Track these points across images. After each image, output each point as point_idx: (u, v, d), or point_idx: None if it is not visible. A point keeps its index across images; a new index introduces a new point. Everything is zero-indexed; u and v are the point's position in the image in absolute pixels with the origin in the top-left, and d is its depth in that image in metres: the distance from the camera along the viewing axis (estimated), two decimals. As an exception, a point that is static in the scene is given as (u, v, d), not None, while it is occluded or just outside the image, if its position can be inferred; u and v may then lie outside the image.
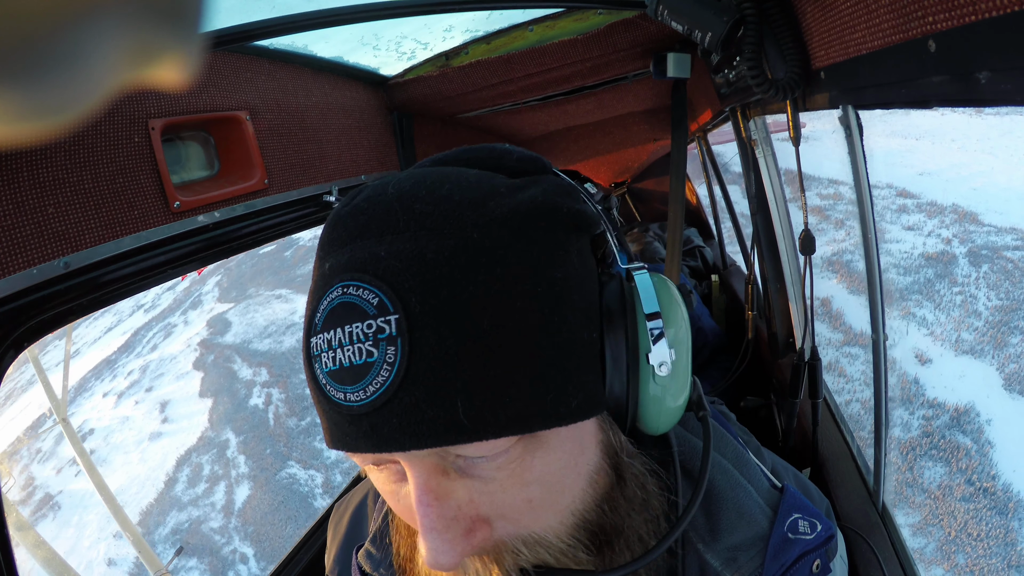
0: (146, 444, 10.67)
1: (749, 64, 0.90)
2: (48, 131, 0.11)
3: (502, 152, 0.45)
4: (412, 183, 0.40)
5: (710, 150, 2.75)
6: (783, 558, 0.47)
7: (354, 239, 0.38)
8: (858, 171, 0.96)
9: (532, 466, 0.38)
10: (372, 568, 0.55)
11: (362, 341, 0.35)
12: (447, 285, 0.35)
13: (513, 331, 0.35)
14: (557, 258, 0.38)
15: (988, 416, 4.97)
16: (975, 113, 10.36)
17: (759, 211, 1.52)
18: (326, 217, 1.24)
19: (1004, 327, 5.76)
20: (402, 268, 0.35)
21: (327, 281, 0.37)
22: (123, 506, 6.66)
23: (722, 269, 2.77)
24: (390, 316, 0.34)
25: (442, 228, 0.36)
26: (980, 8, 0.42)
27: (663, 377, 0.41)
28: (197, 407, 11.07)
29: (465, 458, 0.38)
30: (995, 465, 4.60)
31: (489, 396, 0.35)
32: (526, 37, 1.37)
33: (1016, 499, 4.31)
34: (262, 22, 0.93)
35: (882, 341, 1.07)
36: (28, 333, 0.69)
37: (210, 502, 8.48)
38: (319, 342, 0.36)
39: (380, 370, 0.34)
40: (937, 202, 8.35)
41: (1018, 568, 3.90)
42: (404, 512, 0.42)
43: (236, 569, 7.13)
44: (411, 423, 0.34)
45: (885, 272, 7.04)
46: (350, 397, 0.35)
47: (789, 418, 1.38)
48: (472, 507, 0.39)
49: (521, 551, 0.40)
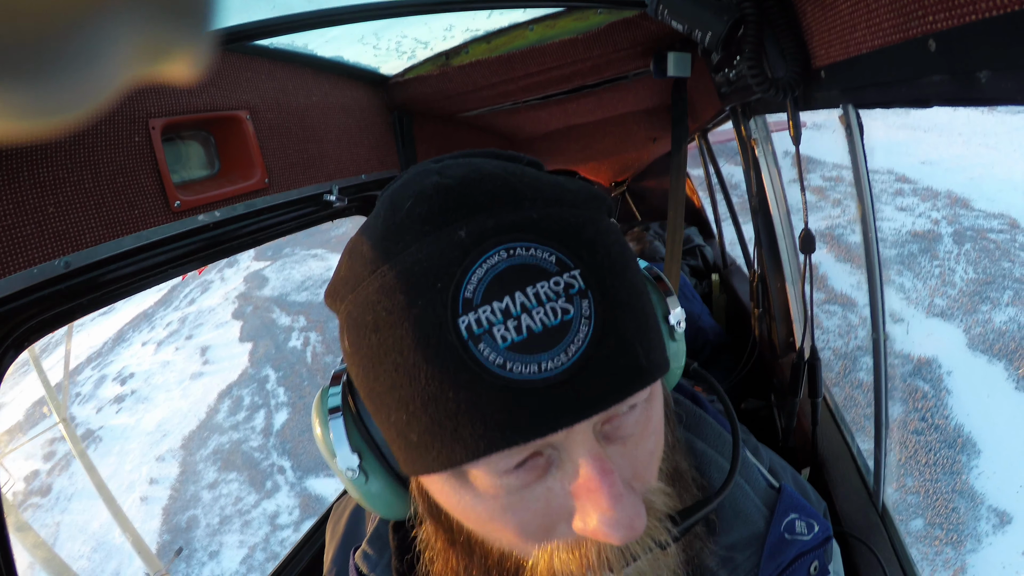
0: (187, 383, 11.40)
1: (749, 63, 0.90)
2: (51, 130, 0.11)
3: (512, 156, 0.46)
4: (490, 165, 0.39)
5: (710, 149, 2.75)
6: (779, 558, 0.47)
7: (485, 207, 0.35)
8: (858, 170, 0.96)
9: (652, 416, 0.40)
10: (369, 569, 0.55)
11: (554, 300, 0.32)
12: (600, 244, 0.36)
13: (640, 287, 0.38)
14: None
15: (949, 368, 5.57)
16: (986, 110, 10.70)
17: (759, 210, 1.52)
18: (327, 216, 1.25)
19: (976, 296, 6.40)
20: (560, 229, 0.35)
21: (471, 248, 0.33)
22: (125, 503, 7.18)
23: (722, 268, 2.77)
24: (574, 271, 0.33)
25: (563, 200, 0.37)
26: (980, 8, 0.42)
27: (679, 334, 0.48)
28: (237, 350, 11.79)
29: (611, 422, 0.37)
30: (949, 408, 5.18)
31: (650, 341, 0.37)
32: (526, 36, 1.37)
33: (965, 437, 4.88)
34: (262, 22, 0.93)
35: (882, 341, 1.07)
36: (28, 333, 0.70)
37: (250, 426, 9.34)
38: (484, 316, 0.32)
39: (579, 326, 0.32)
40: (933, 188, 8.93)
41: (961, 493, 4.45)
42: (532, 521, 0.37)
43: (274, 479, 8.14)
44: (613, 375, 0.34)
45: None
46: (547, 365, 0.32)
47: (789, 417, 1.38)
48: (623, 471, 0.38)
49: (655, 502, 0.41)
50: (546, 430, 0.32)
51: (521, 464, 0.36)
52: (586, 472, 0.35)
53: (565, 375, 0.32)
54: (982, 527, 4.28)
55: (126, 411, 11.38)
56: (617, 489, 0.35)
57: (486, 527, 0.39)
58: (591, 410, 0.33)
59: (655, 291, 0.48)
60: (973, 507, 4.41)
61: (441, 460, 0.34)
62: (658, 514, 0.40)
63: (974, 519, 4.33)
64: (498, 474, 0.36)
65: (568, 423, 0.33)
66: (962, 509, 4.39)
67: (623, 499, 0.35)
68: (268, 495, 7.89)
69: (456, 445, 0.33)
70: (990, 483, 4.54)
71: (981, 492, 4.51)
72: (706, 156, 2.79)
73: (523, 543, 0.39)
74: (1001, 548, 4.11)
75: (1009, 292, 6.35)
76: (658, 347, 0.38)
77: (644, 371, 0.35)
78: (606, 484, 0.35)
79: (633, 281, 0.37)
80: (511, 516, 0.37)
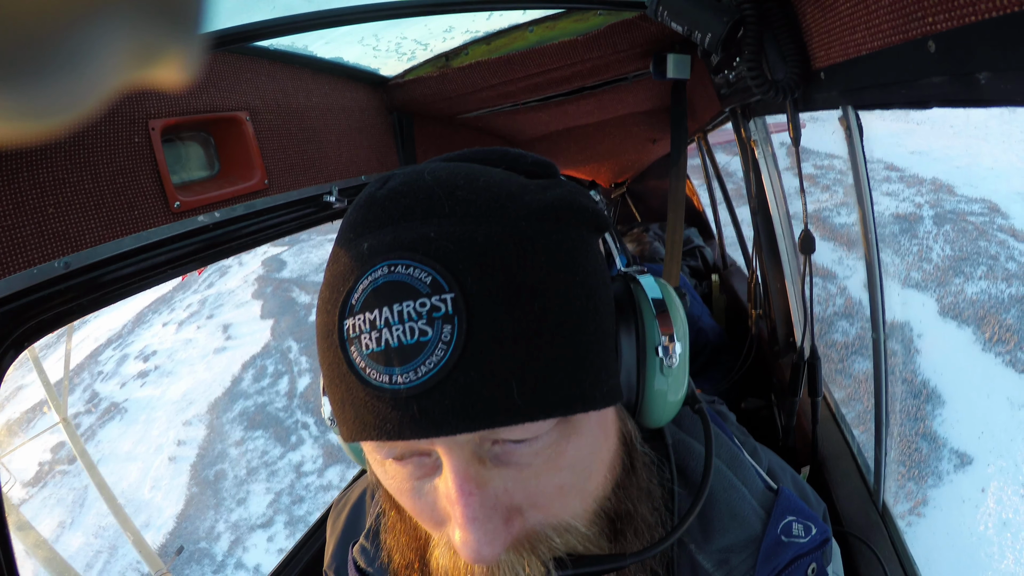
0: (211, 357, 11.84)
1: (749, 65, 0.90)
2: (48, 131, 0.11)
3: (517, 155, 0.45)
4: (447, 172, 0.40)
5: (710, 150, 2.75)
6: (775, 561, 0.47)
7: (396, 220, 0.37)
8: (858, 171, 0.96)
9: (565, 451, 0.39)
10: (367, 564, 0.55)
11: (414, 320, 0.34)
12: (501, 268, 0.35)
13: (559, 316, 0.36)
14: (586, 252, 0.40)
15: (920, 332, 6.11)
16: (980, 104, 11.26)
17: (759, 211, 1.52)
18: (326, 217, 1.25)
19: (950, 271, 6.93)
20: (455, 249, 0.35)
21: (366, 261, 0.36)
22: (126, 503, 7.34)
23: (722, 269, 2.77)
24: (445, 295, 0.34)
25: (487, 215, 0.37)
26: (980, 8, 0.42)
27: (670, 369, 0.44)
28: (259, 326, 12.28)
29: (504, 445, 0.38)
30: (917, 365, 5.69)
31: (540, 377, 0.35)
32: (526, 38, 1.37)
33: (931, 390, 5.39)
34: (262, 22, 0.93)
35: (882, 341, 1.07)
36: (28, 333, 0.69)
37: (275, 390, 9.98)
38: (357, 323, 0.35)
39: (434, 349, 0.33)
40: (919, 175, 9.40)
41: (924, 437, 4.94)
42: (425, 510, 0.40)
43: (298, 433, 8.78)
44: (465, 405, 0.34)
45: (853, 227, 8.51)
46: (397, 379, 0.34)
47: (789, 416, 1.38)
48: (507, 496, 0.38)
49: (553, 539, 0.40)
50: (394, 435, 0.35)
51: (403, 459, 0.39)
52: (448, 485, 0.37)
53: (414, 391, 0.34)
54: (944, 466, 4.69)
55: (151, 384, 11.80)
56: (472, 511, 0.36)
57: (398, 499, 0.43)
58: (438, 430, 0.34)
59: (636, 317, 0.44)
60: (935, 449, 4.83)
61: (343, 432, 0.39)
62: (545, 551, 0.40)
63: (936, 459, 4.75)
64: (390, 464, 0.40)
65: (413, 436, 0.34)
66: (925, 450, 4.80)
67: (476, 522, 0.36)
68: (293, 447, 8.51)
69: (343, 424, 0.38)
70: (953, 430, 4.95)
71: (944, 437, 4.92)
72: (706, 157, 2.79)
73: (425, 526, 0.43)
74: (961, 485, 4.50)
75: (983, 267, 6.83)
76: (568, 383, 0.36)
77: (515, 407, 0.34)
78: (462, 502, 0.36)
79: (545, 312, 0.35)
80: (408, 500, 0.41)
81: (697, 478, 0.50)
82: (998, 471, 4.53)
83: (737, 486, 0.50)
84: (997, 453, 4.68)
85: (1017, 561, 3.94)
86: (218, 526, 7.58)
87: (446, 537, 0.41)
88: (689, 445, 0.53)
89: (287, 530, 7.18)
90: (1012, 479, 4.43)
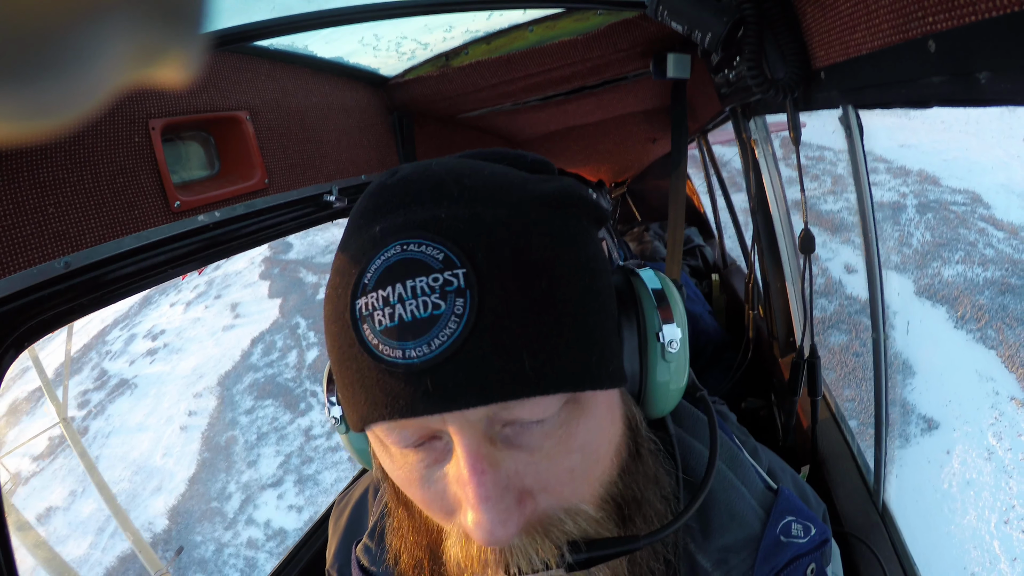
0: (220, 334, 12.09)
1: (749, 64, 0.90)
2: (48, 131, 0.11)
3: (517, 154, 0.46)
4: (454, 163, 0.41)
5: (710, 150, 2.75)
6: (774, 561, 0.47)
7: (407, 204, 0.38)
8: (858, 171, 0.96)
9: (576, 433, 0.39)
10: (370, 563, 0.55)
11: (427, 294, 0.34)
12: (509, 246, 0.36)
13: (566, 293, 0.37)
14: (588, 238, 0.41)
15: (895, 309, 6.33)
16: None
17: (759, 210, 1.52)
18: (326, 217, 1.26)
19: (928, 255, 7.32)
20: (465, 228, 0.36)
21: (379, 242, 0.36)
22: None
23: (722, 268, 2.77)
24: (457, 270, 0.34)
25: (494, 199, 0.38)
26: (980, 8, 0.42)
27: (672, 354, 0.45)
28: (267, 305, 12.54)
29: (515, 426, 0.38)
30: (891, 339, 6.21)
31: (550, 350, 0.35)
32: (526, 38, 1.37)
33: (903, 361, 5.79)
34: (262, 22, 0.93)
35: (882, 341, 1.07)
36: (28, 333, 0.70)
37: (284, 363, 10.30)
38: (371, 301, 0.35)
39: (448, 322, 0.34)
40: (906, 167, 9.66)
41: (893, 403, 5.14)
42: (435, 500, 0.40)
43: (307, 401, 9.10)
44: (478, 376, 0.34)
45: (838, 214, 8.93)
46: (410, 353, 0.34)
47: (788, 416, 1.38)
48: (519, 479, 0.38)
49: (566, 522, 0.40)
50: (407, 412, 0.35)
51: (420, 444, 0.38)
52: (460, 465, 0.37)
53: (426, 365, 0.34)
54: (911, 429, 5.03)
55: (160, 361, 12.07)
56: (485, 490, 0.36)
57: (407, 491, 0.42)
58: (452, 403, 0.34)
59: (636, 305, 0.45)
60: (904, 414, 5.15)
61: (352, 420, 0.39)
62: (559, 535, 0.40)
63: (904, 423, 5.08)
64: (400, 447, 0.39)
65: (423, 411, 0.34)
66: (894, 414, 4.96)
67: (490, 501, 0.36)
68: (302, 414, 8.83)
69: (352, 410, 0.38)
70: (922, 397, 5.30)
71: (912, 403, 5.26)
72: (706, 157, 2.80)
73: (436, 517, 0.42)
74: (927, 447, 4.85)
75: (960, 252, 7.19)
76: (576, 359, 0.36)
77: (527, 379, 0.34)
78: (474, 481, 0.36)
79: (552, 288, 0.36)
80: (418, 490, 0.40)
81: (698, 477, 0.50)
82: (964, 435, 4.82)
83: (737, 486, 0.50)
84: (964, 419, 4.96)
85: (979, 517, 4.21)
86: (229, 487, 7.90)
87: (458, 526, 0.41)
88: (690, 444, 0.53)
89: (296, 488, 7.52)
90: (977, 443, 4.70)
